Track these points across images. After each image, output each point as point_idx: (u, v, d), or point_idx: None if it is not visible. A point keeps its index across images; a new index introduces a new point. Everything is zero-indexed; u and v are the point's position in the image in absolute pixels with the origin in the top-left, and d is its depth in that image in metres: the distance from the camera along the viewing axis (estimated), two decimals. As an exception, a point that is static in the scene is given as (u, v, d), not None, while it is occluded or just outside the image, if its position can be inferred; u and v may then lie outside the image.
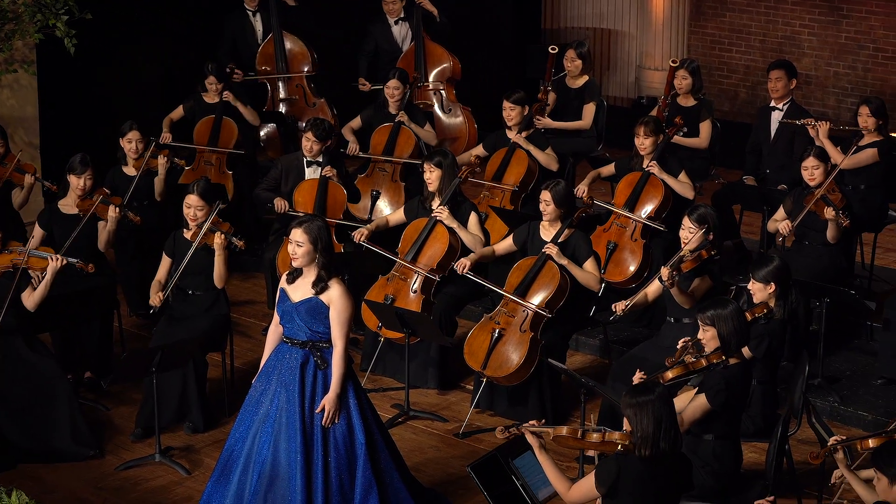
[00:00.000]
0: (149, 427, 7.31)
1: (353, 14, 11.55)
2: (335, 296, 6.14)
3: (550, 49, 10.08)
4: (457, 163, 8.42)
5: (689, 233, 7.23)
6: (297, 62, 10.82)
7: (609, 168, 9.12)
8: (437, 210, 8.10)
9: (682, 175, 8.67)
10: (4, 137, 8.84)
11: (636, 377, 6.33)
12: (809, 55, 12.11)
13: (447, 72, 10.92)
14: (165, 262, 7.69)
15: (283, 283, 6.28)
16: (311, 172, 8.94)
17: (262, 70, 10.74)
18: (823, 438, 6.17)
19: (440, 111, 10.92)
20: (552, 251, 7.59)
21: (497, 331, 7.56)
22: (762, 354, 6.72)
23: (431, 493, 6.70)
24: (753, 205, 9.31)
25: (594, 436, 5.48)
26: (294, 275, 6.25)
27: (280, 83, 10.81)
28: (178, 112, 10.07)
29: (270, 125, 10.72)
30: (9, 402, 7.17)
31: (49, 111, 10.31)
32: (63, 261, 7.36)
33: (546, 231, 7.80)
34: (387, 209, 9.58)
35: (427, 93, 10.88)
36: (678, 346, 6.47)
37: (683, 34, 12.69)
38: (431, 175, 8.22)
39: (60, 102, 10.52)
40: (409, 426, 7.65)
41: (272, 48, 10.75)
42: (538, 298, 7.55)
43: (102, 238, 8.06)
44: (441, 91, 10.91)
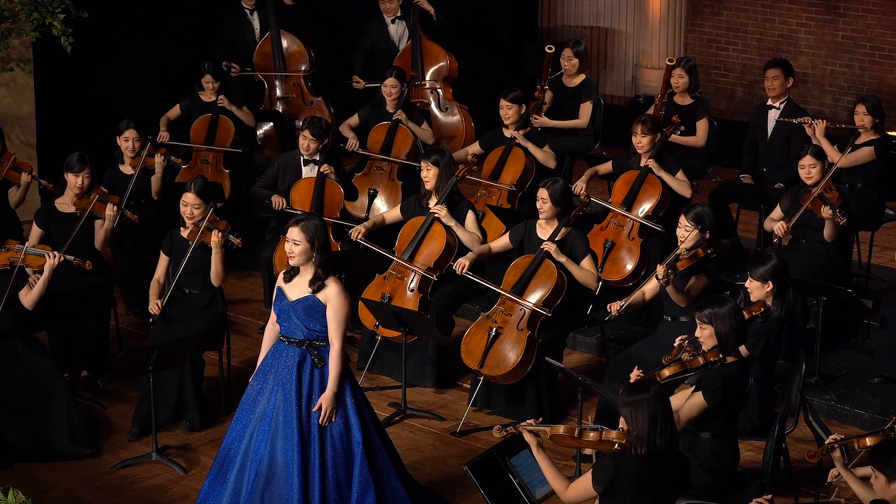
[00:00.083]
0: (145, 426, 7.30)
1: (350, 12, 11.55)
2: (332, 294, 6.13)
3: (547, 48, 10.07)
4: (454, 161, 8.42)
5: (686, 231, 7.23)
6: (295, 61, 10.81)
7: (606, 166, 9.12)
8: (436, 208, 8.10)
9: (680, 173, 8.67)
10: (1, 136, 8.82)
11: (633, 375, 6.34)
12: (806, 54, 12.12)
13: (444, 70, 10.91)
14: (163, 261, 7.69)
15: (280, 282, 6.28)
16: (308, 171, 8.93)
17: (258, 70, 10.73)
18: (821, 437, 6.17)
19: (437, 110, 10.91)
20: (550, 248, 7.59)
21: (494, 329, 7.56)
22: (759, 353, 6.72)
23: (428, 492, 6.70)
24: (750, 203, 9.31)
25: (591, 434, 5.49)
26: (291, 273, 6.25)
27: (277, 81, 10.80)
28: (175, 111, 10.05)
29: (268, 124, 10.71)
30: (5, 401, 7.15)
31: (46, 110, 10.30)
32: (60, 258, 7.36)
33: (543, 229, 7.80)
34: (384, 208, 9.57)
35: (424, 91, 10.87)
36: (675, 345, 6.48)
37: (680, 33, 12.69)
38: (428, 173, 8.22)
39: (57, 101, 10.50)
40: (407, 425, 7.65)
41: (269, 46, 10.74)
42: (535, 297, 7.55)
43: (99, 237, 8.06)
44: (438, 90, 10.89)
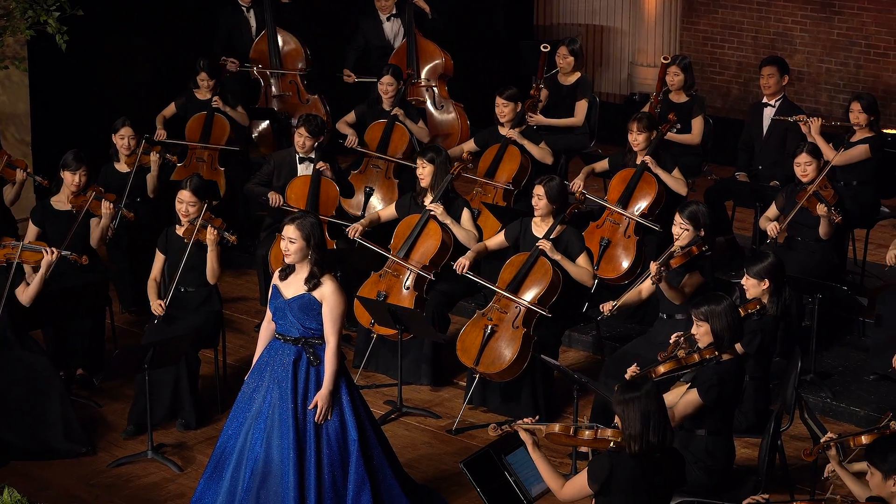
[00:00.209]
0: (141, 424, 7.29)
1: (347, 10, 11.52)
2: (328, 292, 6.13)
3: (543, 47, 10.06)
4: (449, 159, 8.41)
5: (681, 229, 7.24)
6: (291, 59, 10.80)
7: (602, 164, 9.12)
8: (432, 206, 8.10)
9: (676, 171, 8.67)
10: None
11: (629, 371, 6.34)
12: (801, 52, 12.13)
13: (439, 68, 10.90)
14: (159, 259, 7.68)
15: (276, 280, 6.27)
16: (304, 169, 8.92)
17: (256, 65, 10.71)
18: (816, 435, 6.18)
19: (432, 108, 10.90)
20: (545, 246, 7.59)
21: (489, 327, 7.56)
22: (755, 350, 6.73)
23: (424, 490, 6.70)
24: (746, 201, 9.32)
25: (586, 433, 5.49)
26: (286, 271, 6.24)
27: (273, 79, 10.78)
28: (171, 109, 10.04)
29: (264, 122, 10.70)
30: (1, 400, 7.13)
31: (41, 108, 10.28)
32: (56, 254, 7.35)
33: (538, 227, 7.80)
34: (380, 205, 9.56)
35: (419, 89, 10.86)
36: (671, 342, 6.48)
37: (676, 31, 12.70)
38: (424, 171, 8.21)
39: (52, 99, 10.49)
40: (402, 423, 7.64)
41: (266, 44, 10.73)
42: (531, 294, 7.55)
43: (96, 235, 8.04)
44: (433, 88, 10.88)
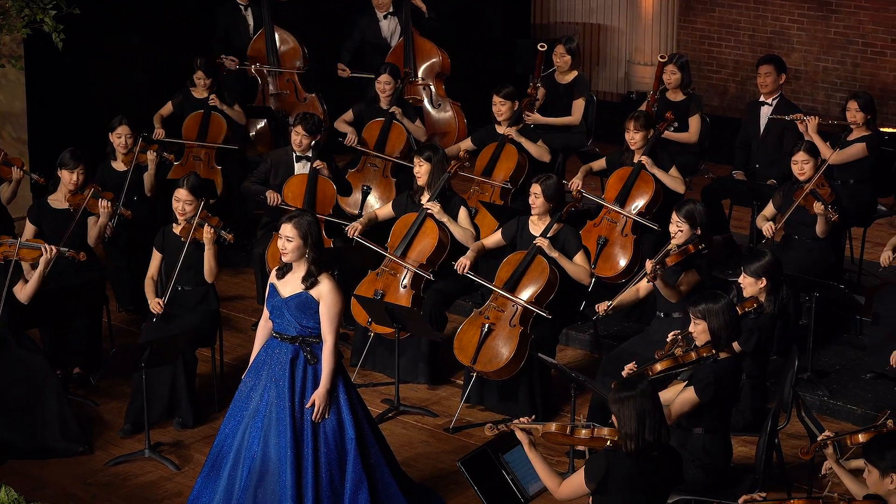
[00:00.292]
0: (138, 423, 7.29)
1: (344, 9, 11.51)
2: (325, 291, 6.13)
3: (539, 46, 10.06)
4: (446, 158, 8.41)
5: (677, 227, 7.25)
6: (289, 57, 10.79)
7: (600, 163, 9.11)
8: (429, 205, 8.09)
9: (673, 170, 8.67)
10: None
11: (627, 369, 6.35)
12: (799, 50, 12.13)
13: (436, 67, 10.90)
14: (156, 258, 7.67)
15: (273, 279, 6.27)
16: (301, 167, 8.91)
17: (253, 64, 10.70)
18: (813, 433, 6.18)
19: (430, 106, 10.90)
20: (542, 244, 7.59)
21: (486, 325, 7.56)
22: (751, 349, 6.73)
23: (422, 488, 6.70)
24: (743, 199, 9.32)
25: (583, 432, 5.50)
26: (284, 270, 6.24)
27: (270, 78, 10.77)
28: (168, 108, 10.03)
29: (261, 121, 10.69)
30: (-2, 398, 7.16)
31: (37, 106, 10.27)
32: (54, 250, 7.34)
33: (535, 226, 7.80)
34: (377, 204, 9.55)
35: (416, 88, 10.85)
36: (668, 340, 6.48)
37: (673, 29, 12.70)
38: (421, 169, 8.21)
39: (49, 98, 10.48)
40: (400, 421, 7.64)
41: (263, 42, 10.72)
42: (528, 293, 7.55)
43: (93, 233, 8.03)
44: (430, 86, 10.88)
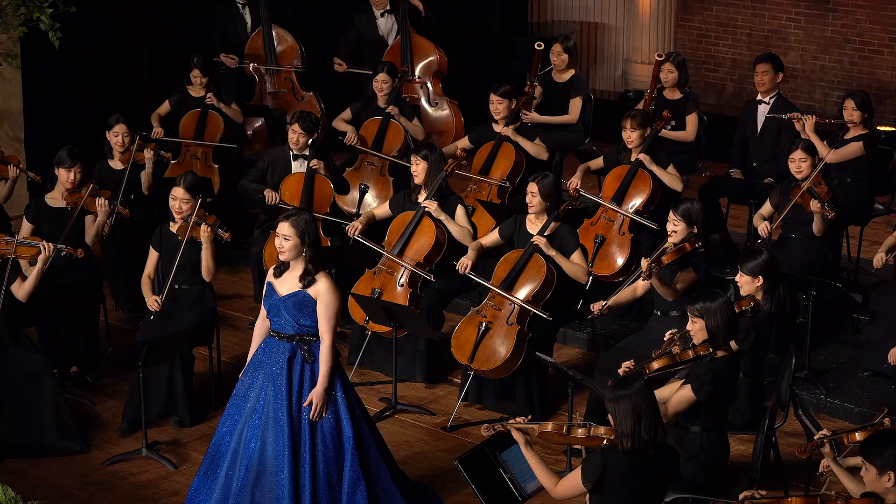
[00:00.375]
0: (135, 421, 7.29)
1: (342, 8, 11.50)
2: (322, 289, 6.12)
3: (536, 45, 10.05)
4: (444, 156, 8.40)
5: (674, 226, 7.25)
6: (287, 56, 10.78)
7: (598, 162, 9.11)
8: (426, 203, 8.09)
9: (671, 167, 8.67)
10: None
11: (624, 366, 6.35)
12: (796, 49, 12.13)
13: (434, 65, 10.89)
14: (153, 256, 7.66)
15: (270, 277, 6.27)
16: (298, 166, 8.91)
17: (251, 62, 10.69)
18: (810, 431, 6.18)
19: (427, 105, 10.89)
20: (540, 243, 7.58)
21: (484, 324, 7.56)
22: (748, 347, 6.73)
23: (419, 487, 6.70)
24: (740, 198, 9.31)
25: (579, 431, 5.50)
26: (281, 268, 6.24)
27: (268, 76, 10.76)
28: (165, 107, 10.02)
29: (259, 119, 10.68)
30: (-6, 397, 7.15)
31: (34, 105, 10.26)
32: (52, 248, 7.34)
33: (532, 224, 7.80)
34: (375, 203, 9.55)
35: (414, 86, 10.85)
36: (665, 339, 6.48)
37: (670, 28, 12.69)
38: (418, 168, 8.21)
39: (45, 96, 10.47)
40: (397, 420, 7.64)
41: (261, 41, 10.71)
42: (525, 291, 7.55)
43: (91, 232, 8.02)
44: (427, 85, 10.88)
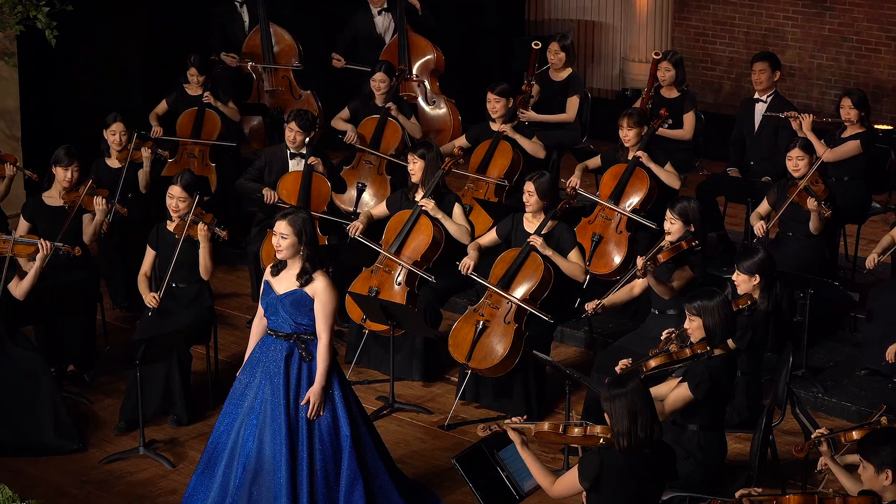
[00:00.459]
0: (133, 420, 7.28)
1: (340, 6, 11.50)
2: (320, 288, 6.12)
3: (534, 44, 10.05)
4: (441, 155, 8.40)
5: (671, 224, 7.26)
6: (285, 54, 10.77)
7: (595, 160, 9.10)
8: (423, 201, 8.09)
9: (668, 165, 8.68)
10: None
11: (621, 364, 6.35)
12: (793, 47, 12.14)
13: (431, 64, 10.89)
14: (149, 255, 7.66)
15: (268, 276, 6.27)
16: (295, 164, 8.90)
17: (249, 61, 10.69)
18: (808, 430, 6.19)
19: (424, 103, 10.89)
20: (537, 242, 7.58)
21: (481, 323, 7.56)
22: (745, 346, 6.73)
23: (417, 486, 6.70)
24: (737, 196, 9.32)
25: (575, 430, 5.50)
26: (278, 267, 6.23)
27: (265, 74, 10.76)
28: (163, 106, 10.01)
29: (256, 117, 10.68)
30: (-9, 396, 7.14)
31: (30, 103, 10.25)
32: (50, 246, 7.34)
33: (529, 223, 7.80)
34: (372, 201, 9.55)
35: (411, 85, 10.85)
36: (662, 338, 6.48)
37: (668, 26, 12.69)
38: (415, 166, 8.21)
39: (42, 94, 10.46)
40: (394, 418, 7.64)
41: (258, 39, 10.71)
42: (522, 290, 7.55)
43: (89, 231, 8.01)
44: (425, 83, 10.87)
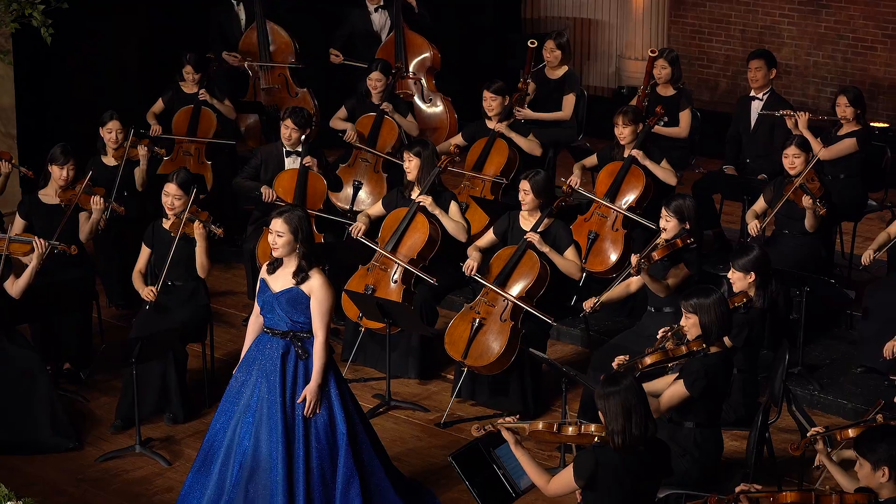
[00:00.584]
0: (129, 418, 7.28)
1: (337, 5, 11.49)
2: (316, 286, 6.12)
3: (530, 43, 10.05)
4: (437, 153, 8.40)
5: (666, 222, 7.26)
6: (281, 52, 10.77)
7: (592, 159, 9.10)
8: (421, 198, 8.08)
9: (664, 162, 8.68)
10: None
11: (617, 361, 6.35)
12: (789, 45, 12.14)
13: (427, 62, 10.89)
14: (144, 253, 7.66)
15: (264, 274, 6.27)
16: (291, 162, 8.90)
17: (246, 59, 10.68)
18: (804, 427, 6.19)
19: (420, 101, 10.89)
20: (533, 239, 7.59)
21: (477, 320, 7.56)
22: (742, 344, 6.74)
23: (413, 483, 6.70)
24: (734, 194, 9.33)
25: (570, 429, 5.50)
26: (274, 265, 6.23)
27: (262, 72, 10.75)
28: (159, 105, 9.99)
29: (253, 115, 10.67)
30: (-13, 394, 7.14)
31: (26, 101, 10.24)
32: (46, 245, 7.33)
33: (526, 221, 7.80)
34: (368, 199, 9.56)
35: (407, 83, 10.85)
36: (658, 336, 6.49)
37: (663, 24, 12.69)
38: (410, 164, 8.21)
39: (38, 92, 10.45)
40: (391, 416, 7.64)
41: (255, 37, 10.70)
42: (518, 287, 7.55)
43: (85, 229, 8.00)
44: (421, 81, 10.87)
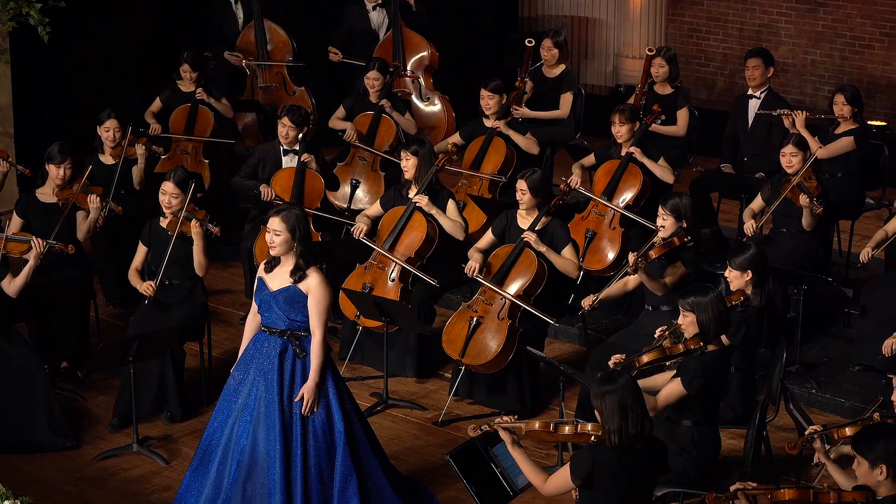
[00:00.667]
0: (126, 417, 7.28)
1: (335, 4, 11.49)
2: (313, 284, 6.12)
3: (527, 42, 10.05)
4: (434, 151, 8.40)
5: (663, 220, 7.27)
6: (279, 50, 10.77)
7: (589, 158, 9.10)
8: (417, 198, 8.09)
9: (661, 160, 8.68)
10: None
11: (614, 359, 6.36)
12: (787, 43, 12.14)
13: (425, 60, 10.88)
14: (141, 251, 7.66)
15: (261, 272, 6.26)
16: (288, 161, 8.89)
17: (244, 57, 10.68)
18: (801, 426, 6.20)
19: (418, 100, 10.89)
20: (531, 238, 7.59)
21: (475, 319, 7.56)
22: (739, 342, 6.74)
23: (410, 482, 6.70)
24: (731, 192, 9.33)
25: (566, 428, 5.50)
26: (272, 263, 6.23)
27: (259, 71, 10.75)
28: (157, 104, 9.98)
29: (251, 114, 10.67)
30: (-15, 393, 7.13)
31: (23, 100, 10.23)
32: (44, 244, 7.33)
33: (523, 219, 7.80)
34: (366, 198, 9.56)
35: (405, 81, 10.85)
36: (656, 334, 6.49)
37: (661, 22, 12.69)
38: (408, 163, 8.20)
39: (35, 91, 10.44)
40: (388, 415, 7.64)
41: (252, 36, 10.70)
42: (516, 286, 7.55)
43: (83, 228, 7.99)
44: (419, 79, 10.87)
